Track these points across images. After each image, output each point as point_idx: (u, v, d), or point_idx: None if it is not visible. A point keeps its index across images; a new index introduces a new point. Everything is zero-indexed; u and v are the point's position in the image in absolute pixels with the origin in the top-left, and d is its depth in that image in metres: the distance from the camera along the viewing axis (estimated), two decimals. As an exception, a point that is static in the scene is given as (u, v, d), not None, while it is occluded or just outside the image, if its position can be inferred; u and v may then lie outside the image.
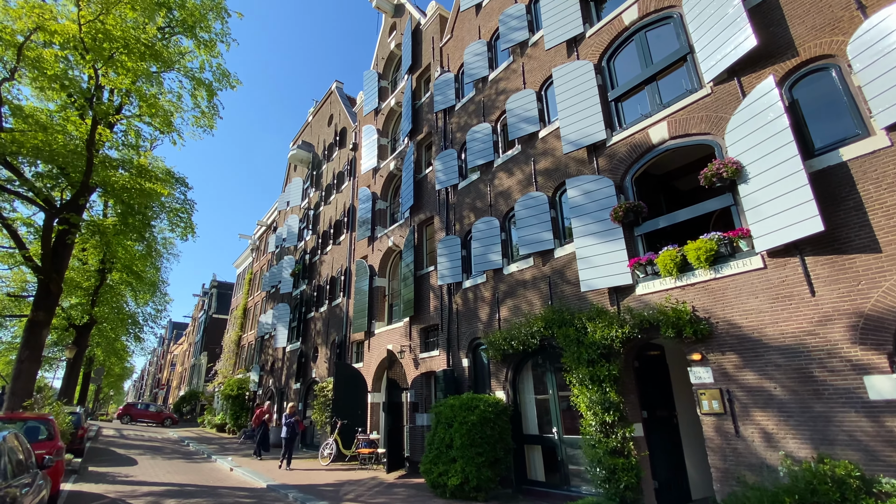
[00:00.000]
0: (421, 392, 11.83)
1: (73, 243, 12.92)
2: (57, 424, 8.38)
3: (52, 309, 12.78)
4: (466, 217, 11.58)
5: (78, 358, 22.21)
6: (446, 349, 11.07)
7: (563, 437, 8.09)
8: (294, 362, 20.31)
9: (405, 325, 12.98)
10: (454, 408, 8.74)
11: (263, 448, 14.63)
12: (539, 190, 9.53)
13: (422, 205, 13.55)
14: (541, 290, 9.00)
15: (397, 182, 16.24)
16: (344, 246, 18.36)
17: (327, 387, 15.14)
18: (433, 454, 8.70)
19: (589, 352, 7.24)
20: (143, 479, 11.10)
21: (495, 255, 10.14)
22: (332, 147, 22.28)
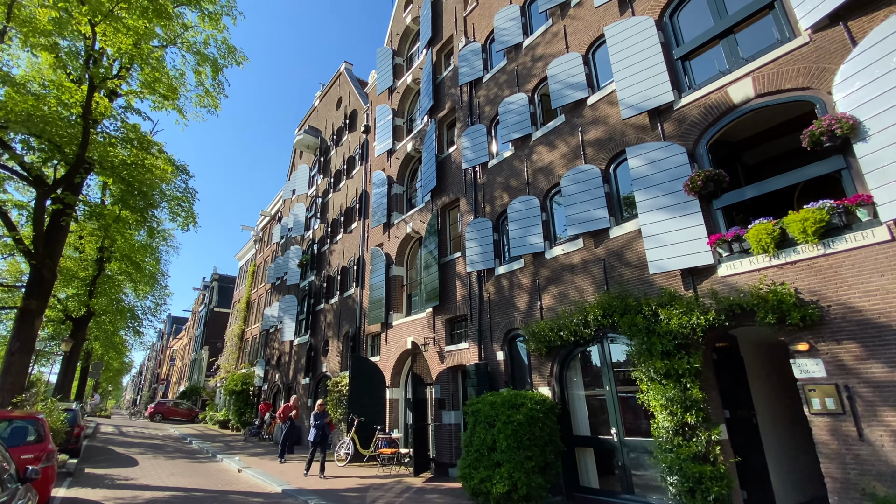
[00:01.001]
0: (447, 388, 10.86)
1: (68, 225, 11.89)
2: (48, 424, 7.38)
3: (45, 297, 11.77)
4: (498, 198, 10.57)
5: (75, 352, 21.22)
6: (477, 341, 10.09)
7: (625, 440, 7.12)
8: (302, 356, 19.33)
9: (428, 315, 11.99)
10: (495, 405, 7.77)
11: (289, 449, 13.08)
12: (589, 163, 8.52)
13: (445, 187, 12.53)
14: (593, 274, 8.01)
15: (415, 164, 15.20)
16: (356, 234, 17.34)
17: (341, 381, 14.17)
18: (472, 457, 7.74)
19: (663, 342, 6.26)
20: (144, 482, 10.13)
21: (535, 237, 9.14)
22: (341, 131, 21.21)
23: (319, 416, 10.83)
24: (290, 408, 13.60)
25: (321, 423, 10.77)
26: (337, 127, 21.56)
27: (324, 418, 10.87)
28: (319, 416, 10.81)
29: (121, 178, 10.63)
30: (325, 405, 11.00)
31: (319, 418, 10.77)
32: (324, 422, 10.82)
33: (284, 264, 23.36)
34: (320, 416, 10.83)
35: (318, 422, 10.74)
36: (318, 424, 10.69)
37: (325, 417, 10.97)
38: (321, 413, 10.91)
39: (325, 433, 10.70)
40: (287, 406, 13.65)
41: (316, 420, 10.76)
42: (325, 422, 10.91)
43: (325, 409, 10.99)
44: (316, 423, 10.73)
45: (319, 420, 10.77)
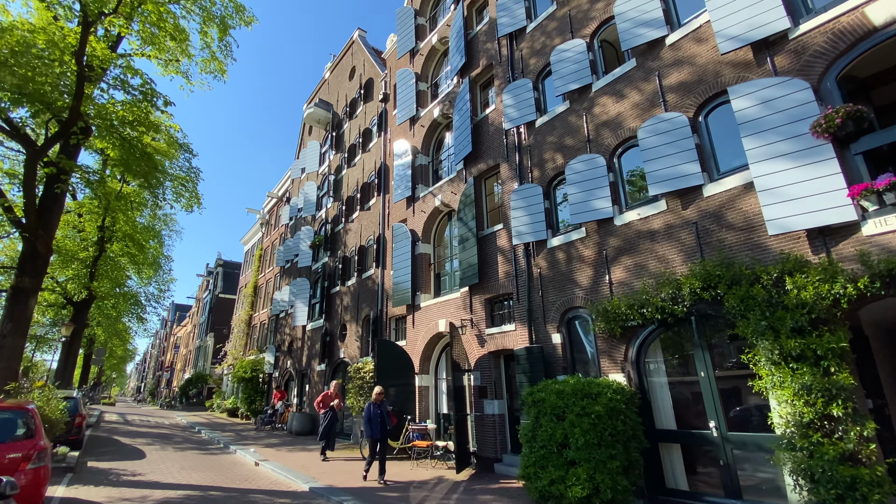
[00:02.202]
0: (489, 374, 9.71)
1: (63, 195, 10.67)
2: (38, 416, 6.25)
3: (39, 274, 10.59)
4: (549, 160, 9.30)
5: (76, 337, 20.17)
6: (527, 322, 8.90)
7: (728, 435, 5.95)
8: (317, 342, 18.23)
9: (463, 295, 10.80)
10: (564, 395, 6.62)
11: (329, 444, 11.25)
12: (672, 110, 7.22)
13: (481, 152, 11.24)
14: (681, 240, 6.78)
15: (442, 132, 13.88)
16: (375, 211, 16.09)
17: (364, 367, 13.06)
18: (537, 455, 6.60)
19: (795, 317, 5.05)
20: (153, 477, 9.06)
21: (601, 201, 7.89)
22: (355, 103, 19.83)
23: (377, 405, 8.81)
24: (331, 396, 11.87)
25: (380, 412, 8.75)
26: (350, 98, 20.17)
27: (385, 406, 8.93)
28: (377, 405, 8.79)
29: (121, 139, 9.38)
30: (383, 395, 8.96)
31: (377, 407, 8.75)
32: (385, 411, 8.84)
33: (295, 246, 22.17)
34: (378, 404, 8.81)
35: (377, 411, 8.71)
36: (377, 414, 8.68)
37: (386, 406, 9.02)
38: (378, 402, 8.86)
39: (385, 425, 8.66)
40: (327, 395, 11.92)
41: (375, 409, 8.73)
42: (384, 411, 8.85)
43: (383, 399, 8.96)
44: (373, 412, 8.69)
45: (379, 409, 8.74)
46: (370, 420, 8.58)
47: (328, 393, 11.91)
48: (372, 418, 8.59)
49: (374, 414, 8.64)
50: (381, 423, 8.59)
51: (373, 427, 8.54)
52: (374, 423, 8.56)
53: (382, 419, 8.62)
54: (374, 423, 8.56)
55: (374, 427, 8.55)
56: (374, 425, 8.55)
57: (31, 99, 7.99)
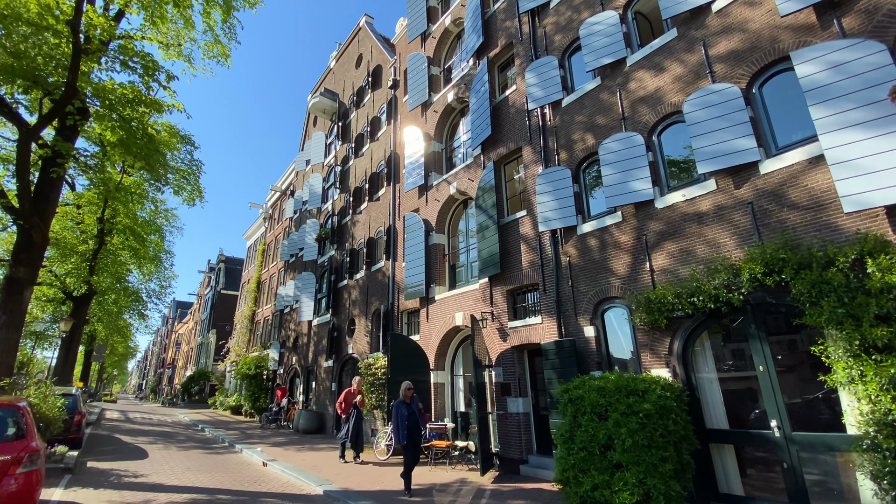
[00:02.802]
0: (512, 370, 9.14)
1: (60, 180, 10.10)
2: (31, 414, 5.69)
3: (35, 264, 10.03)
4: (578, 141, 8.70)
5: (76, 333, 19.62)
6: (555, 315, 8.33)
7: (793, 435, 5.38)
8: (324, 337, 17.68)
9: (482, 287, 10.23)
10: (605, 391, 6.04)
11: (357, 444, 10.29)
12: (721, 82, 6.62)
13: (500, 136, 10.65)
14: (734, 222, 6.19)
15: (456, 118, 13.28)
16: (384, 201, 15.51)
17: (375, 363, 12.50)
18: (577, 457, 6.02)
19: (880, 303, 4.47)
20: (156, 479, 8.52)
21: (640, 182, 7.30)
22: (362, 91, 19.21)
23: (408, 403, 7.39)
24: (354, 393, 10.72)
25: (412, 412, 7.33)
26: (357, 87, 19.55)
27: (416, 406, 7.53)
28: (408, 405, 7.38)
29: (121, 119, 8.78)
30: (412, 391, 7.58)
31: (410, 405, 7.37)
32: (417, 410, 7.45)
33: (300, 240, 21.61)
34: (409, 404, 7.40)
35: (406, 411, 7.27)
36: (406, 415, 7.23)
37: (418, 405, 7.69)
38: (409, 400, 7.46)
39: (418, 425, 7.35)
40: (350, 392, 10.70)
41: (404, 409, 7.28)
42: (417, 407, 7.52)
43: (413, 395, 7.60)
44: (407, 410, 7.27)
45: (408, 409, 7.30)
46: (399, 422, 7.16)
47: (351, 390, 10.87)
48: (401, 420, 7.17)
49: (403, 415, 7.20)
50: (414, 426, 7.21)
51: (401, 430, 7.13)
52: (402, 426, 7.14)
53: (415, 417, 7.31)
54: (402, 426, 7.13)
55: (404, 430, 7.12)
56: (403, 428, 7.13)
57: (23, 73, 7.41)
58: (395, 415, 7.26)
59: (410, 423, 7.21)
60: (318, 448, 12.56)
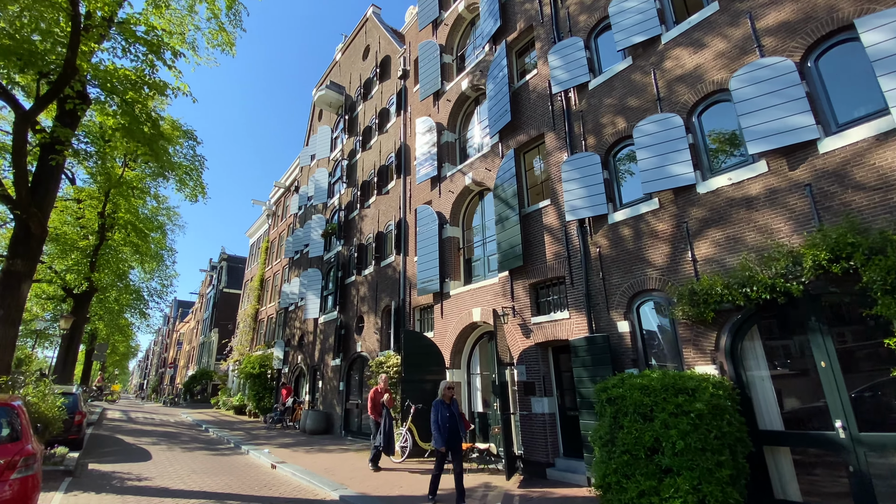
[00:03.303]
0: (536, 369, 8.66)
1: (59, 168, 9.64)
2: (26, 413, 5.22)
3: (33, 256, 9.57)
4: (608, 124, 8.22)
5: (76, 331, 19.15)
6: (584, 309, 7.84)
7: (860, 436, 4.89)
8: (330, 335, 17.21)
9: (502, 281, 9.75)
10: (650, 390, 5.56)
11: (388, 447, 9.24)
12: (771, 56, 6.14)
13: (521, 122, 10.16)
14: (789, 206, 5.70)
15: (470, 106, 12.79)
16: (394, 194, 15.03)
17: (387, 362, 12.02)
18: (619, 461, 5.54)
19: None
20: (161, 482, 8.05)
21: (680, 166, 6.82)
22: (370, 83, 18.73)
23: (448, 405, 6.69)
24: (382, 392, 9.67)
25: (452, 414, 6.64)
26: (365, 79, 19.07)
27: (456, 408, 6.82)
28: (448, 406, 6.68)
29: (123, 102, 8.32)
30: (453, 390, 6.90)
31: (449, 409, 6.66)
32: (457, 413, 6.76)
33: (305, 236, 21.13)
34: (449, 405, 6.70)
35: (448, 413, 6.59)
36: (447, 417, 6.54)
37: (458, 407, 6.92)
38: (448, 400, 6.75)
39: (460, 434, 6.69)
40: (377, 391, 9.63)
41: (444, 411, 6.56)
42: (460, 413, 6.89)
43: (453, 394, 6.90)
44: (444, 414, 6.55)
45: (448, 411, 6.61)
46: (440, 425, 6.45)
47: (378, 390, 9.74)
48: (441, 422, 6.46)
49: (444, 417, 6.48)
50: (455, 431, 6.52)
51: (442, 433, 6.40)
52: (443, 429, 6.41)
53: (455, 424, 6.56)
54: (443, 429, 6.42)
55: (444, 434, 6.39)
56: (443, 431, 6.41)
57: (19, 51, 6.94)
58: (434, 416, 6.57)
59: (451, 427, 6.53)
60: (327, 449, 12.09)
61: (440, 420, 6.51)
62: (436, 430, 6.51)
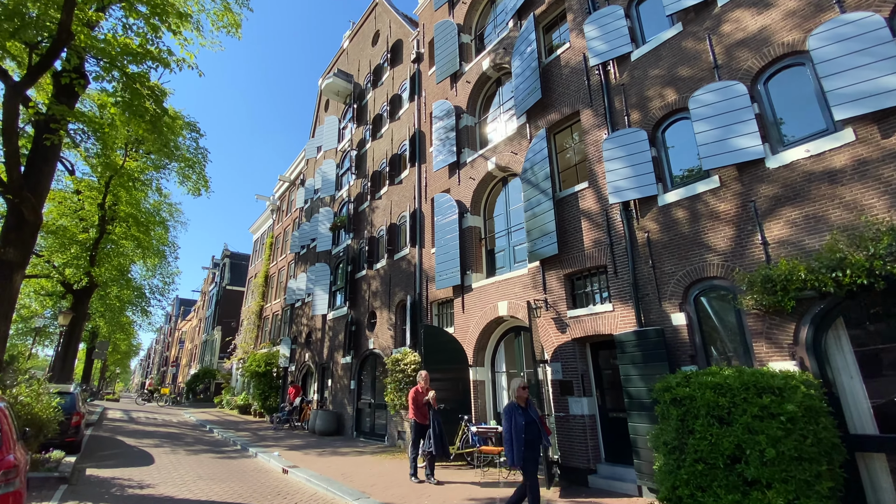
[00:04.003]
0: (573, 366, 7.93)
1: (56, 149, 8.93)
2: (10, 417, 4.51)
3: (27, 245, 8.86)
4: (655, 97, 7.48)
5: (76, 328, 18.48)
6: (631, 301, 7.12)
7: None
8: (340, 332, 16.50)
9: (532, 272, 9.03)
10: (725, 389, 4.85)
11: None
12: (853, 11, 5.39)
13: (552, 100, 9.43)
14: (883, 179, 4.97)
15: (492, 87, 12.05)
16: (408, 184, 14.30)
17: (404, 359, 11.30)
18: (692, 470, 4.82)
19: None
20: (165, 489, 7.34)
21: (745, 139, 6.08)
22: (380, 70, 18.00)
23: (524, 409, 5.27)
24: (424, 392, 8.09)
25: (532, 420, 5.23)
26: (375, 65, 18.33)
27: (535, 413, 5.40)
28: (525, 411, 5.26)
29: (124, 75, 7.60)
30: (527, 391, 5.43)
31: (526, 414, 5.23)
32: (537, 418, 5.34)
33: (311, 230, 20.42)
34: (525, 409, 5.28)
35: (524, 420, 5.14)
36: (524, 423, 5.12)
37: (536, 411, 5.50)
38: (524, 403, 5.32)
39: (538, 430, 5.27)
40: (418, 391, 8.05)
41: (519, 417, 5.13)
42: (539, 418, 5.43)
43: (528, 396, 5.50)
44: (519, 420, 5.11)
45: (525, 418, 5.17)
46: (514, 434, 4.99)
47: (419, 389, 8.11)
48: (516, 432, 5.00)
49: (519, 425, 5.02)
50: (534, 441, 5.10)
51: (516, 447, 4.98)
52: (518, 441, 4.97)
53: (536, 433, 5.13)
54: (517, 441, 4.97)
55: (520, 447, 4.96)
56: (519, 442, 4.96)
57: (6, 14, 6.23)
58: (507, 424, 5.09)
59: (529, 437, 5.04)
60: (341, 452, 11.39)
61: (514, 429, 5.02)
62: (509, 444, 5.03)
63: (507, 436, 5.09)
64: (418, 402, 8.01)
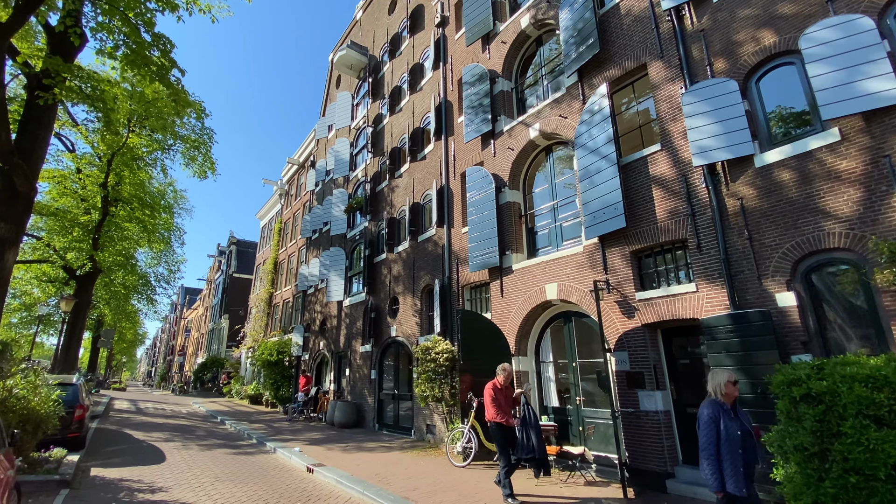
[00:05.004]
0: (643, 356, 6.93)
1: (52, 111, 7.92)
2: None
3: (20, 219, 7.90)
4: (745, 41, 6.36)
5: (80, 315, 17.62)
6: (721, 279, 6.09)
7: None
8: (358, 319, 15.56)
9: (589, 249, 7.99)
10: (883, 383, 3.84)
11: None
12: None
13: (610, 54, 8.29)
14: None
15: (531, 47, 10.89)
16: (432, 159, 13.22)
17: (435, 348, 10.35)
18: (842, 483, 3.83)
19: None
20: (180, 494, 6.43)
21: (876, 81, 4.99)
22: (398, 39, 16.79)
23: (728, 411, 3.73)
24: (504, 388, 6.47)
25: (746, 425, 3.74)
26: (392, 34, 17.11)
27: (747, 420, 3.85)
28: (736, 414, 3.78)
29: (127, 22, 6.54)
30: (736, 381, 3.90)
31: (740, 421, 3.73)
32: (748, 421, 3.85)
33: (324, 213, 19.39)
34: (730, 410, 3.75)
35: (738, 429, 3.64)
36: (743, 434, 3.64)
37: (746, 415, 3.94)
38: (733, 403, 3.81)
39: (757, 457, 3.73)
40: (496, 387, 6.39)
41: (734, 424, 3.64)
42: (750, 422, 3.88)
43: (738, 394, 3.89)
44: (734, 430, 3.62)
45: (740, 426, 3.66)
46: (730, 447, 3.55)
47: (497, 385, 6.40)
48: (731, 444, 3.55)
49: (734, 436, 3.56)
50: (752, 456, 3.61)
51: (734, 465, 3.52)
52: (734, 456, 3.51)
53: (752, 446, 3.65)
54: (734, 456, 3.52)
55: (739, 464, 3.51)
56: (736, 461, 3.51)
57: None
58: (707, 431, 3.64)
59: (747, 451, 3.56)
60: (366, 447, 10.50)
61: (728, 441, 3.52)
62: (714, 461, 3.56)
63: (708, 449, 3.60)
64: (499, 400, 6.27)
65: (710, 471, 3.62)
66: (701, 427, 3.74)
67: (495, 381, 6.40)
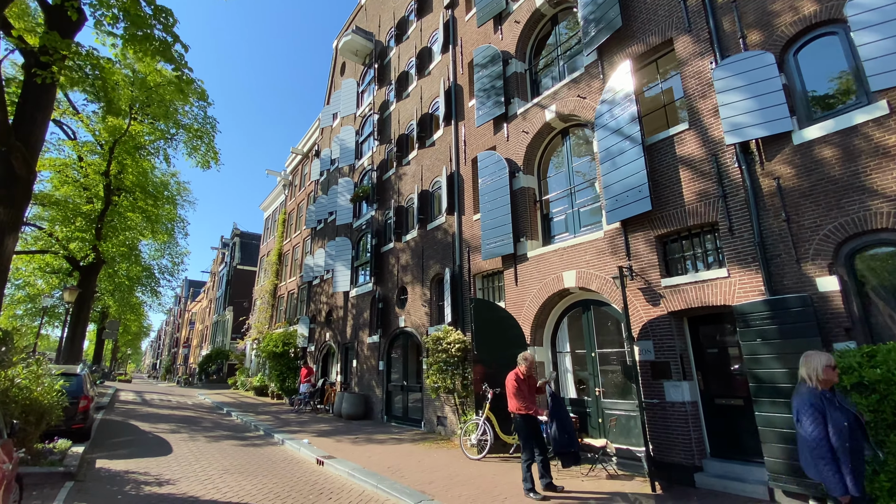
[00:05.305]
0: (669, 345, 6.63)
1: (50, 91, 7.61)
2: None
3: (19, 204, 7.60)
4: (783, 10, 5.97)
5: (84, 306, 17.45)
6: (756, 263, 5.77)
7: None
8: (365, 310, 15.32)
9: (610, 234, 7.67)
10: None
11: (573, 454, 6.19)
12: None
13: (633, 30, 7.91)
14: None
15: (545, 26, 10.49)
16: (442, 145, 12.87)
17: (446, 338, 10.08)
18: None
19: None
20: (187, 487, 6.21)
21: (938, 45, 4.61)
22: (404, 23, 16.36)
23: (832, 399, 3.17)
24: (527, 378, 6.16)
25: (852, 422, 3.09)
26: (399, 18, 16.68)
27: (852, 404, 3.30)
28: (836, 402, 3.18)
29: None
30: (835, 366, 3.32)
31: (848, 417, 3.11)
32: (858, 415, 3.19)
33: (330, 203, 19.10)
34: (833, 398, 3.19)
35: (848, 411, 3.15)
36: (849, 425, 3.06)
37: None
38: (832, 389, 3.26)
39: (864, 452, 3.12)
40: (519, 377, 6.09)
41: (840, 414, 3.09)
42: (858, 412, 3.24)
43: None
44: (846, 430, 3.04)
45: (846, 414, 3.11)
46: (840, 441, 3.02)
47: (521, 373, 6.12)
48: (839, 437, 3.03)
49: (841, 427, 3.04)
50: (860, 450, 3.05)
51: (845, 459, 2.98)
52: (844, 451, 2.99)
53: (860, 440, 3.08)
54: (844, 451, 2.99)
55: (847, 460, 2.97)
56: (846, 455, 2.98)
57: None
58: (815, 424, 3.10)
59: (854, 448, 3.02)
60: (376, 439, 10.30)
61: (837, 433, 3.04)
62: (828, 459, 3.01)
63: (825, 446, 3.03)
64: (522, 391, 5.94)
65: (831, 473, 2.97)
66: (805, 422, 3.13)
67: (517, 370, 6.10)
